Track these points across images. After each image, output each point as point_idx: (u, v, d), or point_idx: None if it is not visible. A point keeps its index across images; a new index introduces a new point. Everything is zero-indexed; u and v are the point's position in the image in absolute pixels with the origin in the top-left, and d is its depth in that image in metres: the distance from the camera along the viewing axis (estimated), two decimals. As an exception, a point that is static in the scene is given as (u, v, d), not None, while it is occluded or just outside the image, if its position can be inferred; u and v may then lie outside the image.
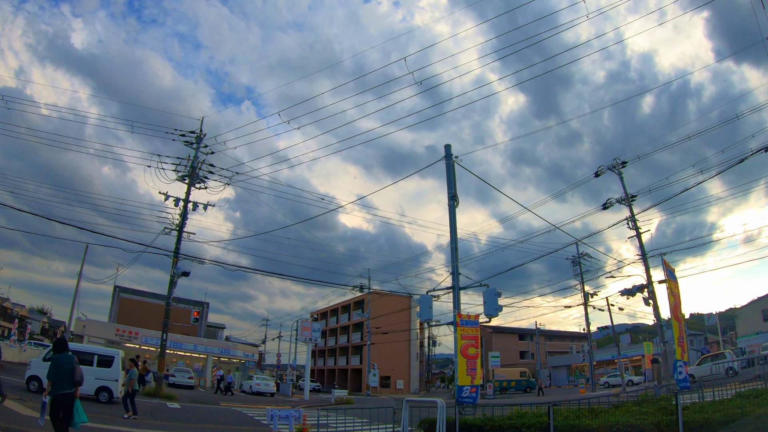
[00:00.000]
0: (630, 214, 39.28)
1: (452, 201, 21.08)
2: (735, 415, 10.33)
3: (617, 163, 39.50)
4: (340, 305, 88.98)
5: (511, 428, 12.88)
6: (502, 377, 64.44)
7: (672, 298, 11.73)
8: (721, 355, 43.67)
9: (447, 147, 21.85)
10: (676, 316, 11.36)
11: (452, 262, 20.35)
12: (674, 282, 12.23)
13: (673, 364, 11.12)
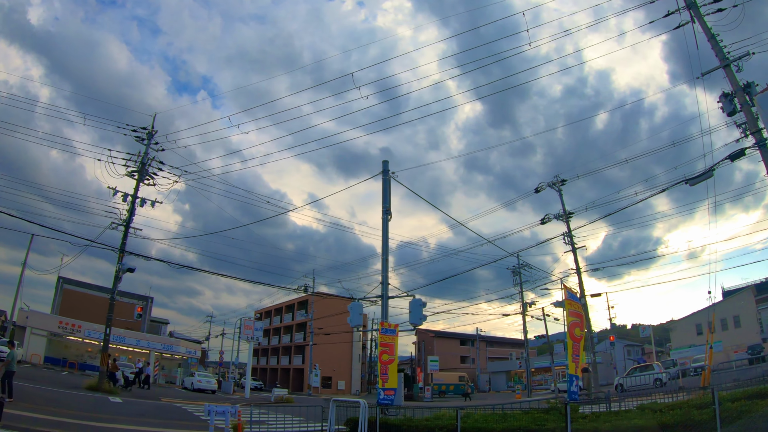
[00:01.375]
0: (567, 230, 41.15)
1: (386, 215, 22.32)
2: (621, 426, 11.65)
3: (557, 180, 41.51)
4: (284, 305, 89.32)
5: (426, 429, 14.18)
6: (441, 381, 65.89)
7: (570, 318, 13.00)
8: (649, 367, 45.99)
9: (384, 163, 23.11)
10: (572, 335, 12.61)
11: (382, 272, 21.55)
12: (576, 303, 13.52)
13: (569, 378, 12.41)
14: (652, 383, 39.91)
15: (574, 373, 12.25)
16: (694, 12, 20.93)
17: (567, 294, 13.70)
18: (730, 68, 19.76)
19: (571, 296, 13.65)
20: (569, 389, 12.31)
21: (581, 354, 12.95)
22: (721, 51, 20.10)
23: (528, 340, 58.38)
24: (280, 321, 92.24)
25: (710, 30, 20.67)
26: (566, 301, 13.55)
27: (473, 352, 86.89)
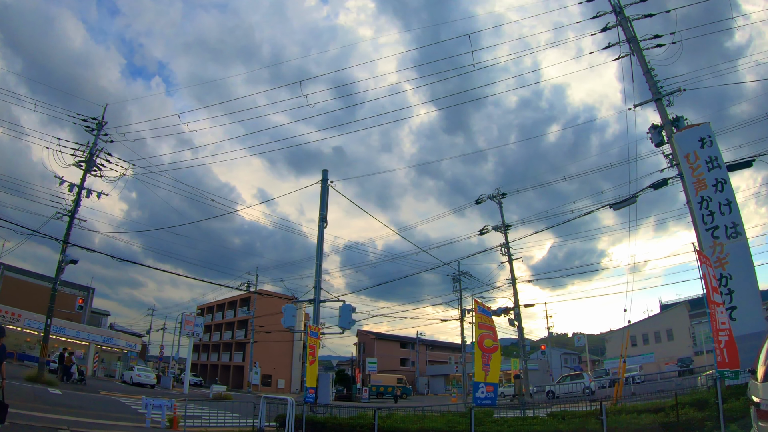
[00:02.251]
0: (504, 241, 42.88)
1: (322, 222, 23.54)
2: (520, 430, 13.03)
3: (497, 193, 43.13)
4: (227, 301, 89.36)
5: (348, 426, 15.48)
6: (379, 383, 67.05)
7: (480, 330, 14.33)
8: (579, 376, 48.21)
9: (324, 172, 24.39)
10: (481, 347, 13.92)
11: (315, 277, 22.71)
12: (487, 317, 14.84)
13: (474, 385, 13.72)
14: (581, 391, 41.77)
15: (482, 380, 13.51)
16: (633, 46, 22.13)
17: (478, 309, 14.92)
18: (661, 102, 20.93)
19: (481, 311, 14.88)
20: (474, 395, 13.57)
21: (493, 364, 14.22)
22: (655, 85, 21.28)
23: (465, 345, 59.92)
24: (222, 317, 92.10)
25: (647, 64, 21.85)
26: (477, 315, 14.78)
27: (413, 355, 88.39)
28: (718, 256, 15.25)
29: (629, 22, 22.52)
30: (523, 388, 44.67)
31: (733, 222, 15.48)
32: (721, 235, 15.45)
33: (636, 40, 22.30)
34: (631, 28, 22.52)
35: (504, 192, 43.29)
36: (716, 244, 15.40)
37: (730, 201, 15.87)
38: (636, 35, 22.52)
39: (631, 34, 22.46)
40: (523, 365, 47.37)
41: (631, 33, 22.47)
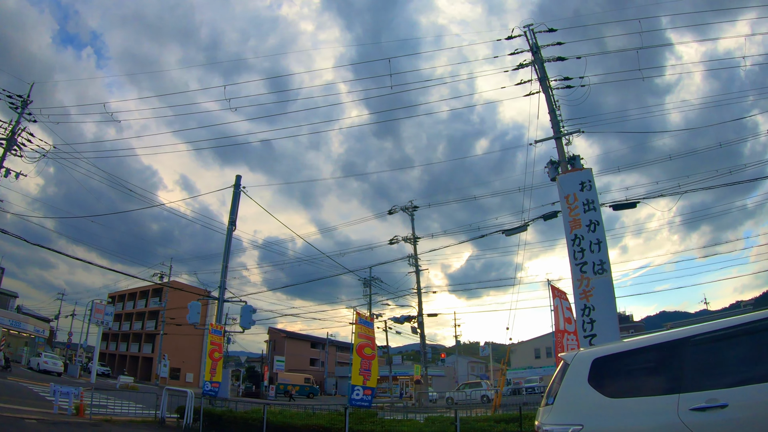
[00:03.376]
0: (413, 252, 44.88)
1: (231, 226, 24.87)
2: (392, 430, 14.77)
3: (410, 206, 45.05)
4: (139, 290, 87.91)
5: (242, 420, 17.14)
6: (287, 381, 67.87)
7: (359, 339, 16.12)
8: (478, 384, 50.85)
9: (237, 177, 25.90)
10: (360, 354, 15.72)
11: (221, 278, 24.13)
12: (366, 327, 16.65)
13: (350, 387, 15.52)
14: (479, 399, 44.21)
15: (360, 384, 15.29)
16: (543, 85, 22.90)
17: (358, 320, 16.64)
18: (561, 141, 21.93)
19: (362, 321, 16.64)
20: (350, 397, 15.37)
21: (373, 369, 16.03)
22: (557, 124, 22.17)
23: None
24: (133, 306, 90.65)
25: (553, 104, 22.74)
26: (357, 325, 16.53)
27: (323, 355, 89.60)
28: (584, 288, 16.27)
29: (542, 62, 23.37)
30: (420, 393, 47.05)
31: (600, 260, 16.49)
32: (588, 271, 16.38)
33: (546, 79, 23.24)
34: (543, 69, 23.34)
35: (416, 205, 45.11)
36: (584, 278, 16.37)
37: (600, 241, 16.93)
38: (547, 76, 23.42)
39: (543, 74, 23.28)
40: (424, 371, 49.39)
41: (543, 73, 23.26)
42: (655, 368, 5.76)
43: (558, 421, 5.72)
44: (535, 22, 23.66)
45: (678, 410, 5.08)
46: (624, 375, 5.89)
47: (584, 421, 5.47)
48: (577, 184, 17.71)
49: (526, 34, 23.55)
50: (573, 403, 5.78)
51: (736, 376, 5.16)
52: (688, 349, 5.50)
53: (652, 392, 5.49)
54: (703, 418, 4.96)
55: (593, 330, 15.39)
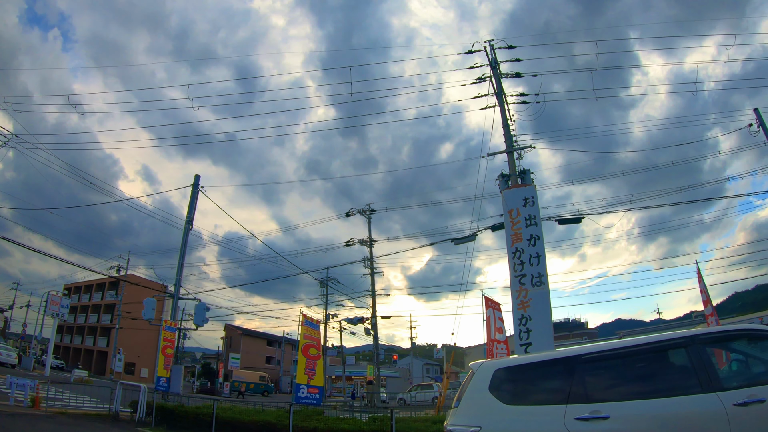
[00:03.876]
0: (369, 255, 45.89)
1: (188, 225, 25.54)
2: (334, 427, 15.80)
3: (367, 209, 45.94)
4: (95, 282, 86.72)
5: (192, 414, 18.12)
6: (241, 378, 68.27)
7: (304, 340, 17.17)
8: (429, 386, 52.30)
9: (196, 177, 26.60)
10: (306, 354, 16.76)
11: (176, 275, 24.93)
12: (312, 329, 17.72)
13: (295, 386, 16.56)
14: (430, 400, 45.54)
15: (305, 383, 16.37)
16: (499, 100, 23.56)
17: (304, 321, 17.65)
18: (512, 155, 22.31)
19: (307, 323, 17.65)
20: (296, 395, 16.42)
21: (318, 370, 17.12)
22: (510, 139, 22.66)
23: (326, 348, 62.47)
24: (89, 299, 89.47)
25: (507, 119, 23.44)
26: (302, 327, 17.56)
27: (279, 353, 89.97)
28: (522, 299, 17.04)
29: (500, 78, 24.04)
30: (371, 393, 48.17)
31: (539, 273, 17.24)
32: (527, 283, 17.11)
33: (503, 94, 24.03)
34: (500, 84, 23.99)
35: (373, 209, 45.96)
36: (522, 290, 17.11)
37: (539, 255, 17.69)
38: (504, 91, 24.18)
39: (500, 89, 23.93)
40: (376, 372, 50.47)
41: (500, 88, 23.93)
42: (549, 381, 6.57)
43: (461, 422, 6.45)
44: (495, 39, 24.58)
45: (565, 419, 5.81)
46: (520, 385, 6.66)
47: (483, 423, 6.20)
48: (520, 200, 18.43)
49: (486, 49, 24.26)
50: (474, 407, 6.60)
51: (618, 392, 6.05)
52: (579, 366, 6.41)
53: (543, 401, 6.28)
54: (586, 427, 5.72)
55: (529, 339, 16.22)
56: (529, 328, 16.41)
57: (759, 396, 5.37)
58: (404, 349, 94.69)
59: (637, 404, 5.75)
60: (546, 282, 17.12)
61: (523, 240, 17.70)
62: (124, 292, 66.83)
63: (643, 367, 6.33)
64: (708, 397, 5.51)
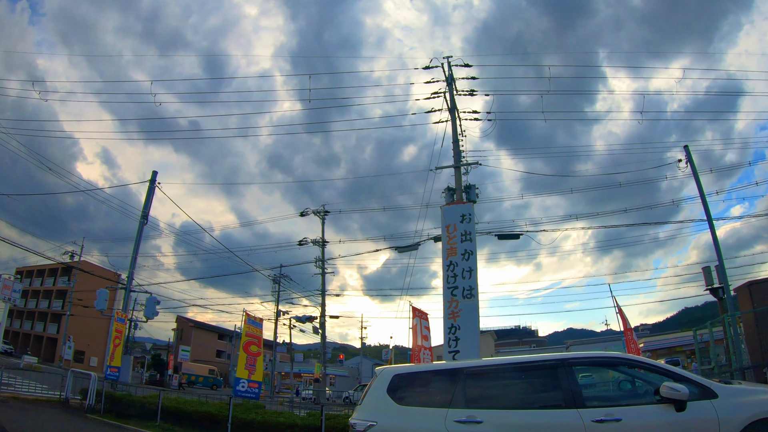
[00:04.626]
0: (321, 255, 47.01)
1: (142, 220, 26.43)
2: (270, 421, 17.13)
3: (322, 210, 46.84)
4: (48, 267, 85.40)
5: (139, 403, 19.47)
6: (191, 371, 68.56)
7: (246, 338, 18.53)
8: (371, 386, 53.81)
9: (154, 173, 27.31)
10: (247, 351, 18.12)
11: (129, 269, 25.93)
12: (254, 327, 19.09)
13: (236, 380, 17.96)
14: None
15: (245, 377, 17.74)
16: (452, 115, 24.40)
17: (247, 320, 19.00)
18: (459, 170, 23.39)
19: (250, 322, 18.97)
20: (235, 388, 17.78)
21: (258, 365, 18.47)
22: (459, 154, 23.64)
23: (276, 344, 63.32)
24: (41, 284, 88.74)
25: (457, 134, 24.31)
26: (245, 325, 18.92)
27: (230, 347, 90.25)
28: (453, 310, 17.86)
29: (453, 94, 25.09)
30: (317, 391, 49.45)
31: (470, 286, 18.03)
32: (458, 294, 17.91)
33: (455, 110, 24.81)
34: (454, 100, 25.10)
35: (327, 210, 46.70)
36: (453, 301, 17.92)
37: (472, 269, 18.43)
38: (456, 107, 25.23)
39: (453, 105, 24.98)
40: (323, 370, 51.78)
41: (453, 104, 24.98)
42: (436, 387, 7.74)
43: (361, 417, 7.45)
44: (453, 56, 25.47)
45: (446, 421, 6.87)
46: (413, 389, 7.74)
47: (379, 419, 7.25)
48: (458, 216, 19.24)
49: (444, 66, 25.31)
50: (374, 405, 7.62)
51: (493, 402, 7.20)
52: (461, 377, 7.45)
53: (430, 404, 7.44)
54: (462, 428, 6.75)
55: (457, 347, 17.25)
56: (458, 337, 17.36)
57: (616, 415, 6.38)
58: (357, 348, 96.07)
59: (508, 413, 6.91)
60: (476, 295, 18.05)
61: (458, 254, 18.56)
62: (77, 279, 66.24)
63: (518, 383, 7.59)
64: (570, 413, 6.54)
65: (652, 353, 61.12)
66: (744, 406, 6.26)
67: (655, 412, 6.37)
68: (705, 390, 6.46)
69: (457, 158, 23.79)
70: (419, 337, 19.94)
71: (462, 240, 18.79)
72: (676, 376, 6.69)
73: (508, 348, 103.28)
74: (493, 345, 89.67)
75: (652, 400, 6.50)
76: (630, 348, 19.58)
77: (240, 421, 16.49)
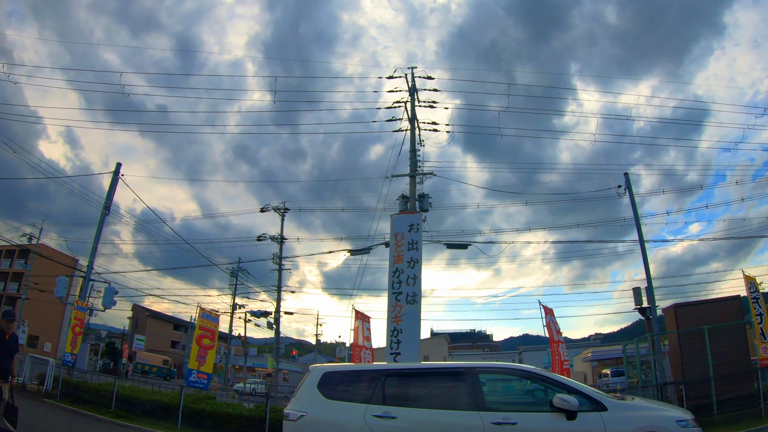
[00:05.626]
0: (279, 252, 47.75)
1: (104, 211, 27.03)
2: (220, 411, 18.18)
3: (282, 207, 47.36)
4: (4, 249, 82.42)
5: (94, 390, 20.48)
6: (145, 361, 68.42)
7: (199, 331, 19.61)
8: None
9: (118, 165, 27.82)
10: (199, 344, 19.25)
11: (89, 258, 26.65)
12: (208, 321, 20.21)
13: (187, 371, 19.11)
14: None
15: (196, 368, 18.89)
16: (412, 125, 25.81)
17: (201, 314, 20.15)
18: (414, 179, 24.58)
19: (204, 316, 20.15)
20: (188, 379, 18.92)
21: (209, 358, 19.61)
22: (415, 164, 24.89)
23: (231, 337, 63.86)
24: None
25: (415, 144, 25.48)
26: (199, 318, 20.05)
27: (185, 338, 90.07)
28: (396, 314, 18.50)
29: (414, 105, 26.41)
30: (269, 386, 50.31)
31: (414, 293, 18.69)
32: (402, 300, 18.58)
33: (415, 120, 26.15)
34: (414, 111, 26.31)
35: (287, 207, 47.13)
36: (397, 305, 18.59)
37: (416, 276, 19.07)
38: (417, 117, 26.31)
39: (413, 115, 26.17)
40: (275, 366, 52.71)
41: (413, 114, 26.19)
42: (359, 385, 8.62)
43: (294, 408, 8.35)
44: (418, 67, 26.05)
45: (365, 415, 7.83)
46: (339, 386, 8.61)
47: (308, 410, 8.19)
48: (406, 225, 19.77)
49: (407, 76, 26.51)
50: (305, 398, 8.51)
51: (406, 401, 8.12)
52: (381, 377, 8.43)
53: (353, 400, 8.25)
54: (379, 422, 7.74)
55: (399, 349, 17.99)
56: (400, 340, 18.12)
57: (512, 420, 7.33)
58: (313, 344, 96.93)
59: (420, 411, 7.91)
60: (419, 301, 18.83)
61: (404, 262, 19.21)
62: (33, 262, 65.41)
63: (431, 385, 8.57)
64: (473, 414, 7.52)
65: (599, 363, 62.97)
66: (629, 420, 7.29)
67: (547, 420, 7.37)
68: (595, 403, 7.46)
69: (413, 168, 24.81)
70: (361, 338, 21.56)
71: (408, 249, 19.43)
72: (569, 389, 7.69)
73: (462, 351, 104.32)
74: (447, 348, 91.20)
75: (547, 408, 7.42)
76: (554, 359, 20.74)
77: (191, 411, 17.46)
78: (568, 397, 7.27)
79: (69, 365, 23.77)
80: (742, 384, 18.97)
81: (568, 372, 20.73)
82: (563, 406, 7.21)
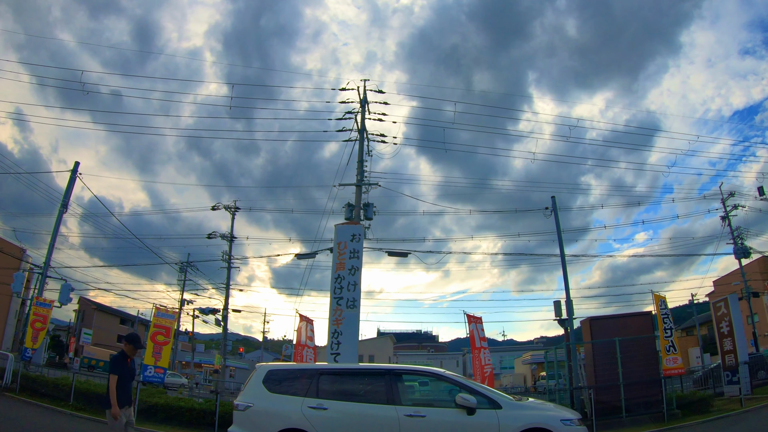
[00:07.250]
0: (228, 250, 48.26)
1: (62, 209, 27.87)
2: (171, 403, 19.59)
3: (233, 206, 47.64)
4: None
5: (52, 384, 21.58)
6: (92, 355, 67.81)
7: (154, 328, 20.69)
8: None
9: (76, 164, 28.42)
10: (154, 340, 20.46)
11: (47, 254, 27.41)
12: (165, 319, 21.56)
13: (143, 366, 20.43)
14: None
15: (152, 364, 20.23)
16: (361, 136, 27.06)
17: (157, 313, 21.61)
18: (360, 188, 25.71)
19: (159, 314, 21.67)
20: (144, 374, 20.15)
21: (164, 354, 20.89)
22: (362, 173, 25.99)
23: (179, 333, 64.13)
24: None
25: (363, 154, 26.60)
26: (154, 317, 21.40)
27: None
28: (337, 317, 19.56)
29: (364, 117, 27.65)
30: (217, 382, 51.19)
31: (353, 298, 19.78)
32: (343, 305, 19.64)
33: (365, 131, 27.34)
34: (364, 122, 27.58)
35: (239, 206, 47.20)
36: (338, 309, 19.61)
37: (356, 283, 20.12)
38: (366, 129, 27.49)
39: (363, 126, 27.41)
40: (222, 362, 53.59)
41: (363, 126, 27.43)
42: (298, 381, 9.86)
43: (242, 400, 9.49)
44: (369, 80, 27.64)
45: (302, 406, 9.07)
46: (281, 382, 9.79)
47: (254, 402, 9.40)
48: (349, 235, 20.82)
49: (359, 89, 27.89)
50: (252, 392, 9.64)
51: (337, 395, 9.48)
52: (316, 375, 9.81)
53: (292, 393, 9.47)
54: (313, 413, 8.98)
55: (338, 350, 19.11)
56: (340, 341, 19.24)
57: (422, 413, 8.90)
58: (260, 342, 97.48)
59: (347, 404, 9.33)
60: (358, 306, 19.92)
61: (346, 269, 20.25)
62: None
63: (358, 383, 10.13)
64: (390, 408, 8.96)
65: (538, 365, 65.73)
66: (519, 417, 8.69)
67: (451, 414, 8.83)
68: (492, 402, 8.94)
69: (360, 178, 25.95)
70: (304, 337, 23.49)
71: (350, 257, 20.52)
72: (471, 390, 9.17)
73: (407, 351, 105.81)
74: (392, 347, 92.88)
75: (452, 405, 8.83)
76: (475, 364, 22.07)
77: (145, 404, 18.61)
78: (468, 396, 8.74)
79: (26, 360, 24.74)
80: (649, 391, 20.88)
81: (491, 375, 22.34)
82: (464, 403, 8.68)
